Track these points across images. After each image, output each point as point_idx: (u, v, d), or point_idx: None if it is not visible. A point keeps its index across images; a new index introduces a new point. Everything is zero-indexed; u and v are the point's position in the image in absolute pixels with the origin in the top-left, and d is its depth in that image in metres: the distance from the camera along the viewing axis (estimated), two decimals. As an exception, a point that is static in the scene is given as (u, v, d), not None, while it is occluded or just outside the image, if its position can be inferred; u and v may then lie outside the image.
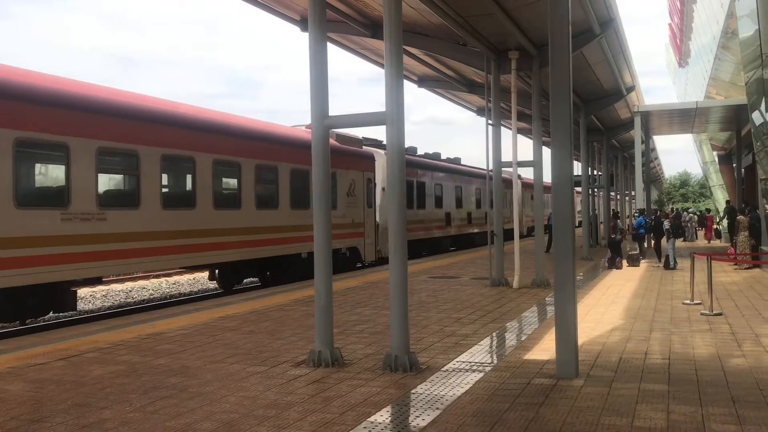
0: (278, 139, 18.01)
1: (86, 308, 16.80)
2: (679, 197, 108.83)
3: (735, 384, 6.27)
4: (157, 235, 13.49)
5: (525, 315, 10.64)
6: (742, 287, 14.02)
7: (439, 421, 5.33)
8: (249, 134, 16.90)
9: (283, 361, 7.52)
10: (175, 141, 14.09)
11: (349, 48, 16.32)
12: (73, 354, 8.06)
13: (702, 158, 48.50)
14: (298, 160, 18.00)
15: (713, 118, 28.63)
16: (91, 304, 17.45)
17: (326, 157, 7.63)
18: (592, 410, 5.52)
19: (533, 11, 12.56)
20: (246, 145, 16.49)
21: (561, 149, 6.93)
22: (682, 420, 5.22)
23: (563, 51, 6.91)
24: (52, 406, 5.87)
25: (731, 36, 21.61)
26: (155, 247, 13.44)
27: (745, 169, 31.20)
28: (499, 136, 15.06)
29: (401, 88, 7.17)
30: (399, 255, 7.14)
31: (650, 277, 16.60)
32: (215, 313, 11.25)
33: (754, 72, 17.28)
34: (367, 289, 14.24)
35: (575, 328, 6.76)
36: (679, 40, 41.43)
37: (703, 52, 30.52)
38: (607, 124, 28.79)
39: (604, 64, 18.12)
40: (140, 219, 13.07)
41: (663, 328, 9.28)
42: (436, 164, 30.52)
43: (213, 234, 15.08)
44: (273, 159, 17.45)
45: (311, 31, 7.58)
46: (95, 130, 12.11)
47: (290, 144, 18.24)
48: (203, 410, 5.68)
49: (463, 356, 7.65)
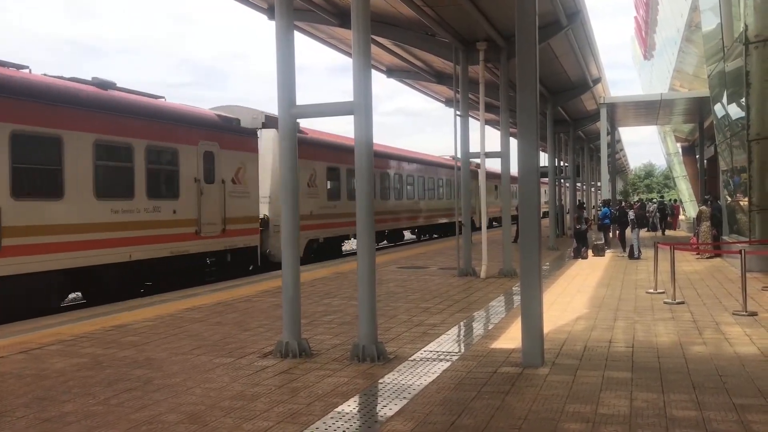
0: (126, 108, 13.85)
1: None
2: (644, 188, 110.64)
3: (696, 371, 6.40)
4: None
5: (492, 305, 10.72)
6: (704, 276, 14.32)
7: (406, 410, 5.35)
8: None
9: (250, 353, 7.47)
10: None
11: (317, 37, 16.22)
12: (34, 347, 7.90)
13: (666, 150, 49.35)
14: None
15: (677, 110, 29.12)
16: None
17: (294, 147, 7.58)
18: (557, 398, 5.59)
19: (501, 2, 12.59)
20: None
21: (528, 140, 6.97)
22: (645, 407, 5.31)
23: (530, 42, 6.94)
24: (13, 400, 5.75)
25: (695, 29, 22.01)
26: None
27: (707, 161, 31.83)
28: (467, 127, 15.12)
29: (369, 78, 7.15)
30: (367, 245, 7.13)
31: (615, 266, 16.85)
32: (181, 304, 11.13)
33: (716, 65, 17.61)
34: (335, 280, 14.21)
35: (541, 317, 6.84)
36: (645, 32, 42.04)
37: (667, 45, 31.02)
38: (574, 115, 29.09)
39: (571, 55, 18.28)
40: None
41: (627, 317, 9.43)
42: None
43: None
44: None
45: (278, 20, 7.50)
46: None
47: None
48: (168, 402, 5.61)
49: (430, 346, 7.68)
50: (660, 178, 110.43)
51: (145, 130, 14.25)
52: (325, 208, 21.41)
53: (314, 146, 20.95)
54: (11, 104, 11.30)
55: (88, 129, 12.79)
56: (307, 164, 19.96)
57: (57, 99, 12.23)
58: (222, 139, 16.55)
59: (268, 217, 18.77)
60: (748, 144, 14.72)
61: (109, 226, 13.16)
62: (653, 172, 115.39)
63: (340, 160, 22.28)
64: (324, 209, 21.41)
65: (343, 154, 21.95)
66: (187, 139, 15.39)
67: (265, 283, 13.86)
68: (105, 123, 13.21)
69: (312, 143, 20.75)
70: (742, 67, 14.50)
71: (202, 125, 16.05)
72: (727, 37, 15.78)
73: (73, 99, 12.59)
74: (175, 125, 15.17)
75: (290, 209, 7.54)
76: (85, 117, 12.74)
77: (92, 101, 13.02)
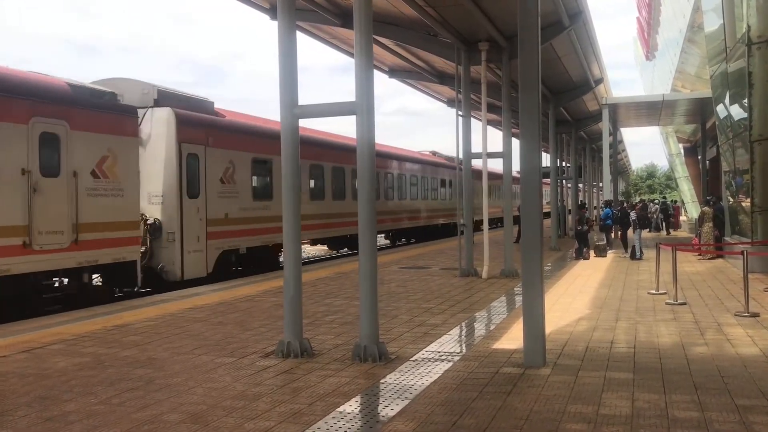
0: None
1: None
2: (646, 189, 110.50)
3: (697, 372, 6.39)
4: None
5: (494, 305, 10.72)
6: (706, 277, 14.30)
7: (408, 410, 5.35)
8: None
9: (252, 352, 7.48)
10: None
11: (319, 37, 16.23)
12: (36, 346, 7.91)
13: (668, 150, 49.25)
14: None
15: (679, 111, 29.08)
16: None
17: (296, 147, 7.57)
18: (558, 399, 5.58)
19: (503, 2, 12.59)
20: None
21: (530, 140, 6.97)
22: (647, 407, 5.30)
23: (532, 43, 6.94)
24: (15, 399, 5.76)
25: (697, 30, 21.98)
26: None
27: (709, 162, 31.79)
28: (469, 127, 15.12)
29: (371, 79, 7.15)
30: (369, 245, 7.13)
31: (617, 267, 16.84)
32: (183, 304, 11.13)
33: (718, 66, 17.58)
34: (337, 280, 14.21)
35: (543, 317, 6.83)
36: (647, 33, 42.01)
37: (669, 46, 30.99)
38: (576, 115, 29.08)
39: (573, 56, 18.28)
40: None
41: (629, 318, 9.42)
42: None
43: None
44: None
45: (280, 20, 7.50)
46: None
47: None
48: (170, 402, 5.62)
49: (432, 346, 7.68)
50: (662, 179, 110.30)
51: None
52: (250, 210, 17.08)
53: (232, 132, 16.83)
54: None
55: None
56: (219, 155, 15.96)
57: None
58: (74, 116, 12.02)
59: (161, 222, 14.36)
60: (750, 145, 14.70)
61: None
62: (655, 173, 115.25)
63: (272, 150, 16.64)
64: (247, 211, 16.97)
65: (277, 144, 18.44)
66: (6, 114, 10.90)
67: (267, 282, 13.86)
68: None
69: (229, 129, 16.79)
70: (745, 68, 14.47)
71: (36, 96, 11.45)
72: (729, 38, 15.76)
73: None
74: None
75: (291, 210, 7.54)
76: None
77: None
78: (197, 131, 15.40)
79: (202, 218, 15.25)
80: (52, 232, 11.54)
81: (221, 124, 16.58)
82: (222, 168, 16.14)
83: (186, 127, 14.98)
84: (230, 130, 16.84)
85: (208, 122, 16.02)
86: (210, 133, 15.80)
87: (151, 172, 14.46)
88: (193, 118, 15.46)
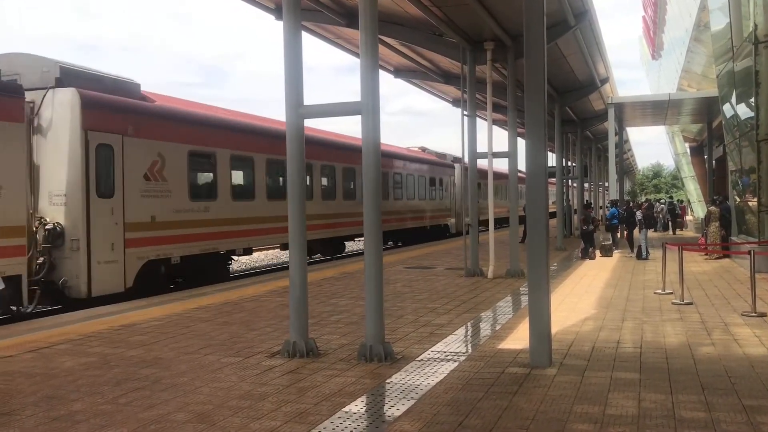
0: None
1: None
2: (652, 188, 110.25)
3: (704, 372, 6.37)
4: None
5: (499, 305, 10.70)
6: (712, 277, 14.26)
7: (413, 410, 5.34)
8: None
9: (258, 352, 7.49)
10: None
11: (324, 37, 16.24)
12: (43, 346, 7.94)
13: (674, 150, 49.12)
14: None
15: (685, 110, 29.01)
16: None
17: (301, 147, 7.58)
18: (565, 399, 5.57)
19: (508, 2, 12.58)
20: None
21: (535, 140, 6.96)
22: (653, 407, 5.29)
23: (538, 42, 6.92)
24: (22, 399, 5.78)
25: (703, 29, 21.89)
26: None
27: (716, 161, 31.69)
28: (475, 127, 15.11)
29: (377, 78, 7.14)
30: (374, 245, 7.13)
31: (623, 267, 16.80)
32: (189, 304, 11.15)
33: (725, 65, 17.52)
34: (342, 280, 14.22)
35: (549, 317, 6.82)
36: (653, 32, 41.88)
37: (675, 45, 30.90)
38: (581, 115, 29.03)
39: (579, 55, 18.24)
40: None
41: (635, 318, 9.40)
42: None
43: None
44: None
45: (286, 20, 7.50)
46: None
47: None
48: (176, 401, 5.63)
49: (437, 346, 7.68)
50: (668, 179, 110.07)
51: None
52: (186, 213, 14.46)
53: (162, 120, 14.11)
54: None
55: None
56: (144, 146, 13.40)
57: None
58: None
59: (63, 227, 11.88)
60: (757, 144, 14.64)
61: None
62: (661, 173, 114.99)
63: (215, 142, 15.60)
64: (183, 214, 14.33)
65: (221, 135, 15.84)
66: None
67: (273, 283, 13.88)
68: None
69: (158, 116, 14.09)
70: (752, 67, 14.42)
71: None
72: (736, 37, 15.70)
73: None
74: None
75: (297, 211, 7.54)
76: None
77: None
78: (112, 117, 12.80)
79: (119, 222, 12.68)
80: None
81: (147, 110, 13.78)
82: (147, 162, 13.47)
83: (95, 112, 12.38)
84: (160, 118, 14.03)
85: (128, 107, 13.34)
86: (130, 120, 13.19)
87: (51, 166, 12.09)
88: (106, 102, 12.78)
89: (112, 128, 12.78)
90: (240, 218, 16.32)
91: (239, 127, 17.09)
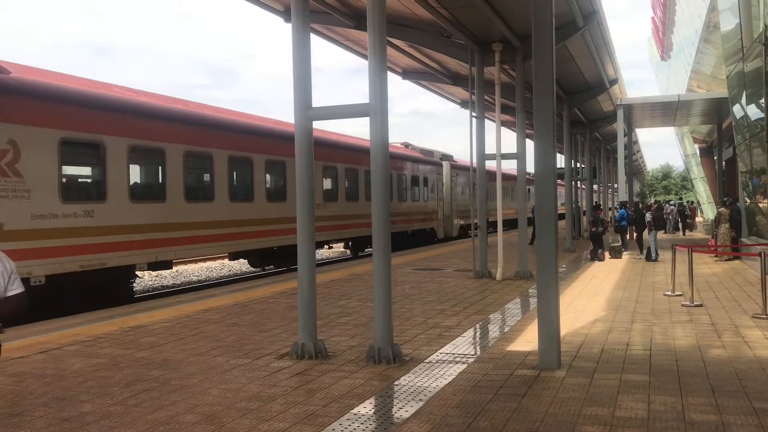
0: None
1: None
2: (662, 189, 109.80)
3: (714, 374, 6.34)
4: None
5: (508, 307, 10.68)
6: (722, 279, 14.18)
7: (422, 412, 5.34)
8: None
9: (267, 354, 7.50)
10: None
11: (332, 39, 16.26)
12: (53, 347, 7.98)
13: (684, 151, 48.91)
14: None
15: (695, 112, 28.86)
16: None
17: (310, 149, 7.59)
18: (574, 401, 5.55)
19: (517, 3, 12.56)
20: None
21: (544, 141, 6.94)
22: (663, 410, 5.26)
23: (547, 43, 6.91)
24: (32, 400, 5.81)
25: (713, 29, 21.79)
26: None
27: (726, 162, 31.52)
28: (483, 128, 15.09)
29: (385, 80, 7.15)
30: (382, 247, 7.13)
31: (632, 268, 16.73)
32: (198, 305, 11.19)
33: (735, 65, 17.44)
34: (351, 281, 14.23)
35: (557, 319, 6.80)
36: (662, 33, 41.74)
37: (685, 46, 30.77)
38: (590, 116, 28.94)
39: (587, 56, 18.18)
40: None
41: (644, 320, 9.36)
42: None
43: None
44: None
45: (294, 22, 7.52)
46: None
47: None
48: (186, 403, 5.65)
49: (446, 348, 7.67)
50: (677, 180, 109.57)
51: None
52: (55, 218, 11.40)
53: (17, 98, 10.93)
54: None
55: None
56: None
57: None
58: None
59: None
60: (767, 145, 14.56)
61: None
62: (671, 174, 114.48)
63: (104, 128, 12.46)
64: (49, 220, 11.28)
65: (116, 119, 12.72)
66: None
67: (281, 284, 13.90)
68: None
69: (12, 91, 10.87)
70: (762, 68, 14.35)
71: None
72: (746, 38, 15.63)
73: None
74: None
75: (306, 212, 7.55)
76: None
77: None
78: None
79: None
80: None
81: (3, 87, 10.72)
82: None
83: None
84: (13, 93, 10.86)
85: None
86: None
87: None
88: None
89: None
90: (145, 225, 13.35)
91: (144, 111, 13.70)
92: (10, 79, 11.03)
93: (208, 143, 15.29)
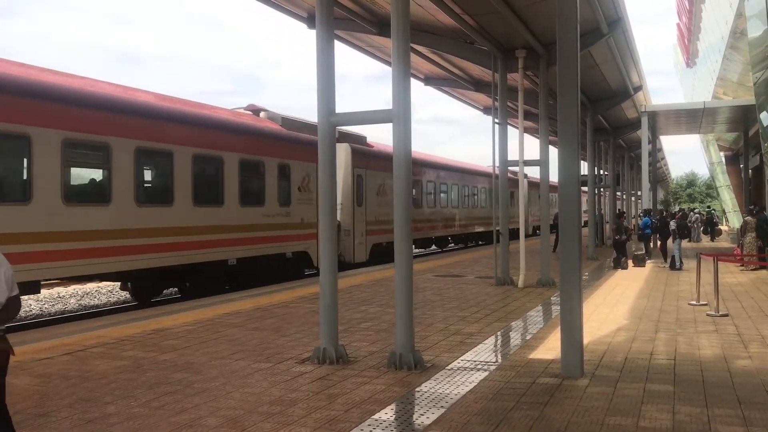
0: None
1: (91, 303, 16.84)
2: (686, 197, 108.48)
3: (741, 385, 6.24)
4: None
5: (530, 314, 10.62)
6: (749, 288, 13.97)
7: (443, 419, 5.32)
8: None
9: (288, 358, 7.52)
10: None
11: (356, 45, 16.32)
12: (78, 349, 8.08)
13: (709, 159, 48.35)
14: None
15: (720, 119, 28.55)
16: (97, 299, 17.47)
17: (333, 154, 7.62)
18: (597, 410, 5.50)
19: (541, 10, 12.52)
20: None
21: (568, 149, 6.91)
22: (688, 421, 5.19)
23: (571, 50, 6.88)
24: (58, 401, 5.89)
25: (740, 36, 21.53)
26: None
27: (752, 170, 31.10)
28: (506, 135, 15.04)
29: (408, 87, 7.16)
30: (404, 253, 7.13)
31: (656, 277, 16.55)
32: (220, 309, 11.26)
33: (762, 72, 17.21)
34: (372, 287, 14.23)
35: (580, 327, 6.75)
36: (687, 40, 41.31)
37: (711, 52, 30.43)
38: (614, 123, 28.73)
39: (612, 63, 18.07)
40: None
41: (668, 329, 9.25)
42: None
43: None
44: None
45: (318, 29, 7.57)
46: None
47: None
48: (208, 406, 5.68)
49: (467, 355, 7.64)
50: (702, 188, 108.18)
51: None
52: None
53: None
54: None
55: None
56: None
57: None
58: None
59: None
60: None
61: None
62: (695, 182, 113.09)
63: (30, 118, 10.41)
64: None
65: (37, 105, 10.46)
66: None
67: (303, 289, 13.95)
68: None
69: None
70: (790, 75, 14.15)
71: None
72: (773, 44, 15.42)
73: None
74: None
75: (327, 217, 7.58)
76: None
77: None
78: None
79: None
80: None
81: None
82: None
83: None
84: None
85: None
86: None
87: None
88: None
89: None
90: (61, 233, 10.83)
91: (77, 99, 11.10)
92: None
93: (106, 129, 11.81)
